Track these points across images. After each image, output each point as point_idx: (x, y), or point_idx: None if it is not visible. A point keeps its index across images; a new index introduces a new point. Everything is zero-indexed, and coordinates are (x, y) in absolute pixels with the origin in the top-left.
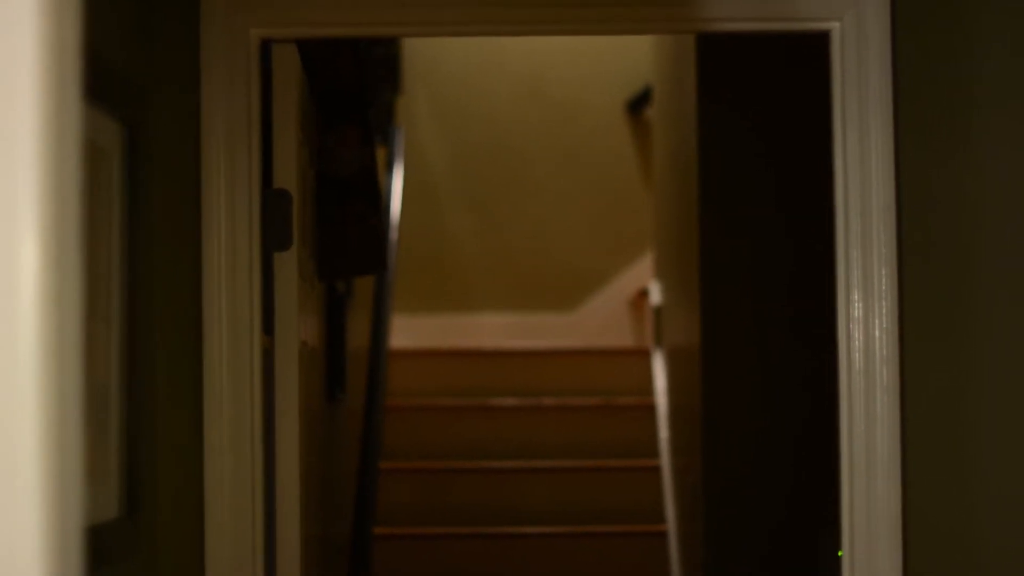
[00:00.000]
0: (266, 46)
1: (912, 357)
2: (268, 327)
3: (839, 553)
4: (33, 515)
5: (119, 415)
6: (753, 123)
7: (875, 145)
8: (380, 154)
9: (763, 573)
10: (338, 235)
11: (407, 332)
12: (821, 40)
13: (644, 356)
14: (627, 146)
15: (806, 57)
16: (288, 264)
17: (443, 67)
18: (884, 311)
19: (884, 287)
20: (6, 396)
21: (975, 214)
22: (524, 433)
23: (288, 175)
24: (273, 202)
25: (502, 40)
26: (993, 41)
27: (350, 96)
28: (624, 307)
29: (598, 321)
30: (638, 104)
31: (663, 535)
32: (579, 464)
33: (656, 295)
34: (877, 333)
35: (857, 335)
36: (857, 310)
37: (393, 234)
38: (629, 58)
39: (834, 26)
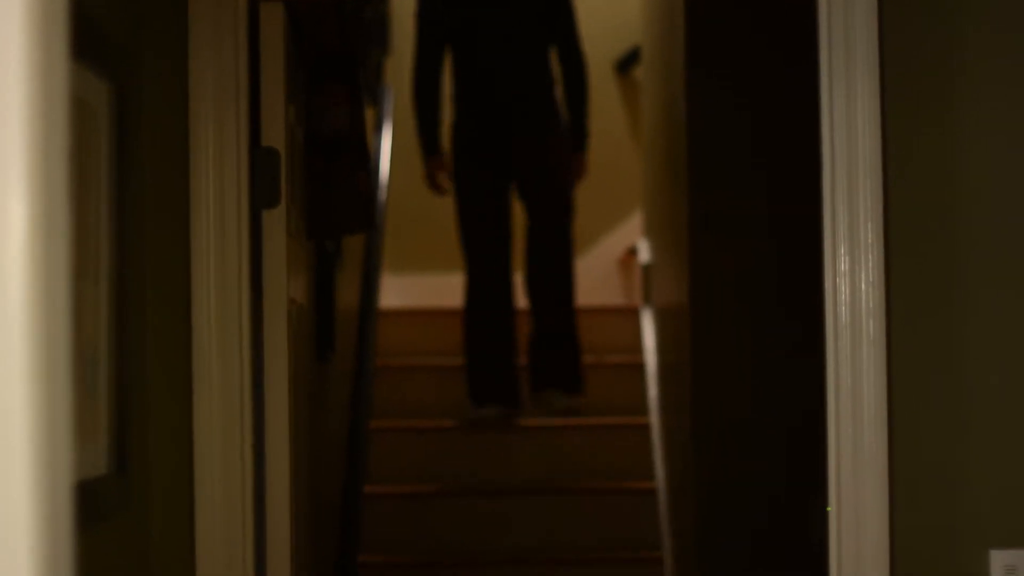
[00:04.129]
0: (254, 5)
1: (898, 310)
2: (257, 285)
3: (827, 509)
4: (23, 470)
5: (108, 373)
6: (741, 83)
7: (861, 104)
8: (369, 114)
9: (753, 532)
10: (327, 194)
11: (397, 291)
12: (809, 0)
13: (633, 314)
14: (615, 106)
15: (793, 17)
16: (276, 222)
17: None
18: (870, 265)
19: (870, 241)
20: None
21: (960, 172)
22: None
23: (276, 133)
24: (261, 160)
25: None
26: (980, 5)
27: (338, 56)
28: (613, 265)
29: (587, 279)
30: (627, 64)
31: (652, 492)
32: (568, 422)
33: (645, 253)
34: (863, 287)
35: (843, 289)
36: (843, 264)
37: (382, 193)
38: (618, 18)
39: None
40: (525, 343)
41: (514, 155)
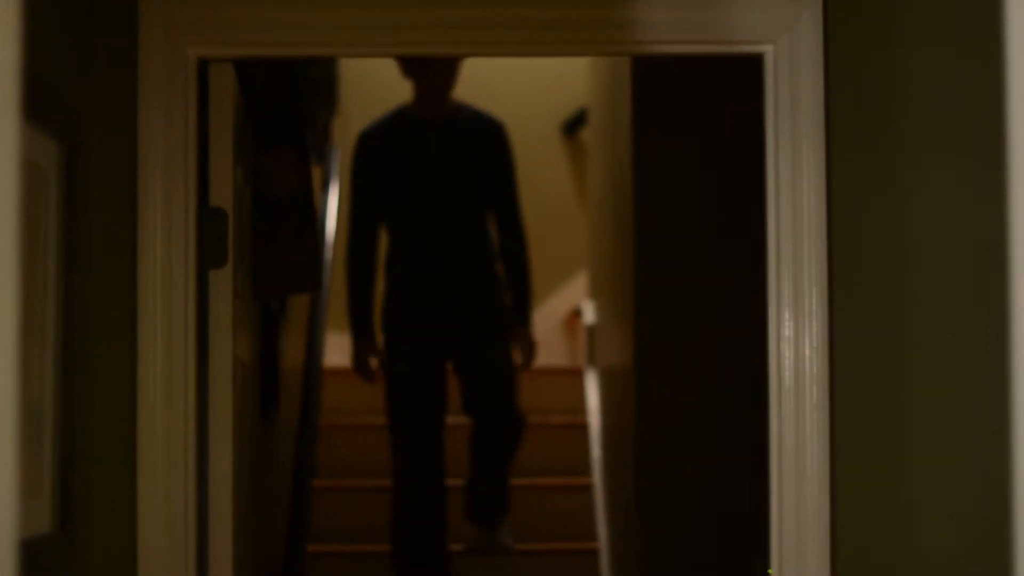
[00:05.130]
0: (204, 66)
1: (842, 375)
2: (203, 344)
3: (769, 572)
4: None
5: (53, 432)
6: (688, 145)
7: (807, 167)
8: (316, 174)
9: None
10: (273, 254)
11: (341, 350)
12: (755, 63)
13: (577, 375)
14: (562, 167)
15: (741, 79)
16: (223, 281)
17: (379, 88)
18: (814, 331)
19: (814, 306)
20: None
21: (905, 236)
22: (458, 450)
23: (224, 193)
24: (209, 220)
25: None
26: (924, 67)
27: (286, 116)
28: (558, 326)
29: None
30: (574, 126)
31: (595, 553)
32: (512, 482)
33: (590, 315)
34: (807, 352)
35: (787, 354)
36: (787, 329)
37: (328, 253)
38: (565, 80)
39: (767, 49)
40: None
41: (450, 330)
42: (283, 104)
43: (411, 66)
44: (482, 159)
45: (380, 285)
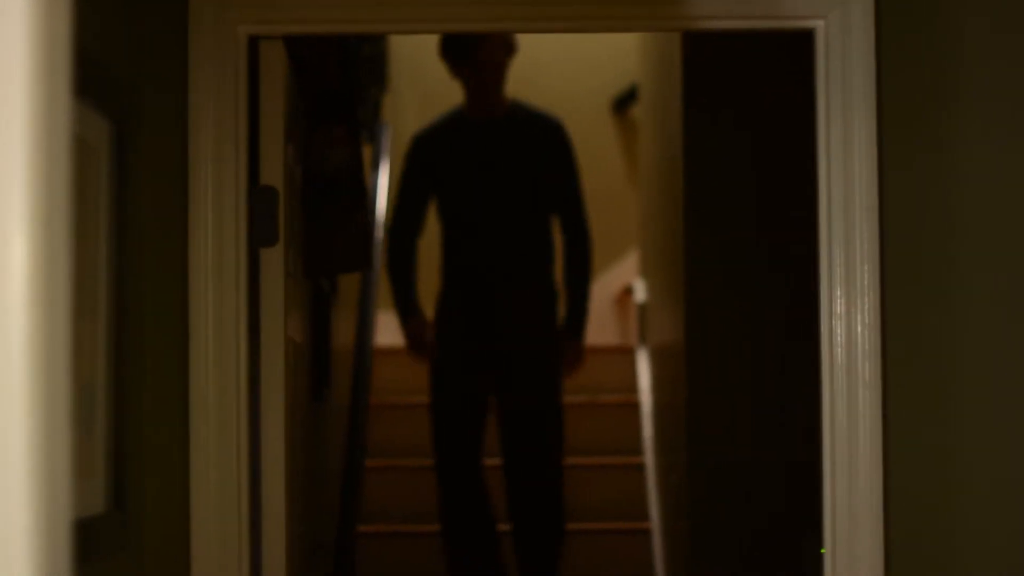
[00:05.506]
0: (254, 43)
1: (894, 352)
2: (254, 324)
3: (822, 551)
4: (22, 508)
5: (106, 411)
6: (738, 122)
7: (858, 143)
8: (367, 152)
9: (747, 572)
10: (324, 232)
11: (392, 330)
12: (806, 38)
13: (628, 354)
14: (613, 145)
15: (791, 55)
16: (274, 260)
17: (429, 65)
18: (866, 307)
19: (866, 283)
20: None
21: (957, 211)
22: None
23: (275, 172)
24: (260, 198)
25: None
26: (976, 39)
27: (337, 94)
28: (609, 305)
29: None
30: (624, 103)
31: (647, 533)
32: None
33: (641, 293)
34: (859, 328)
35: (839, 331)
36: (839, 306)
37: (379, 232)
38: (615, 57)
39: (818, 24)
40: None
41: (498, 362)
42: (334, 82)
43: (458, 66)
44: (541, 160)
45: (433, 287)
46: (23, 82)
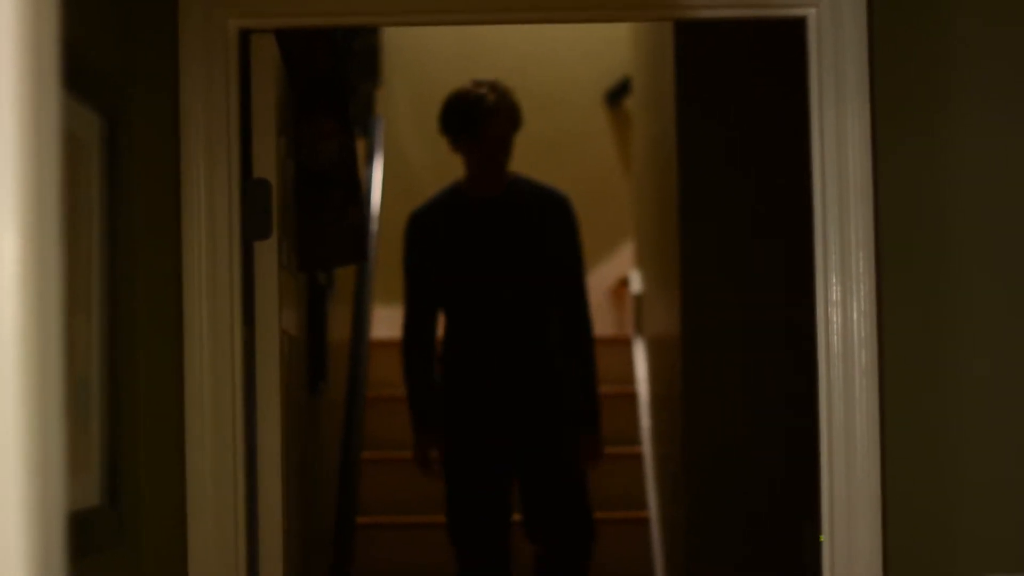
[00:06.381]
0: (245, 37)
1: (890, 339)
2: (249, 317)
3: (820, 538)
4: (16, 502)
5: (100, 405)
6: (731, 112)
7: (851, 130)
8: (360, 145)
9: (745, 561)
10: (318, 225)
11: (388, 323)
12: (798, 26)
13: (625, 345)
14: (606, 137)
15: (783, 45)
16: (268, 253)
17: (422, 58)
18: (862, 294)
19: (861, 270)
20: None
21: (951, 196)
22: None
23: (267, 165)
24: (252, 191)
25: (481, 31)
26: (969, 26)
27: (329, 87)
28: (605, 296)
29: None
30: (617, 95)
31: (645, 522)
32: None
33: (636, 284)
34: (855, 316)
35: (835, 318)
36: (835, 293)
37: (373, 225)
38: (607, 49)
39: (810, 12)
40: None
41: (513, 445)
42: (325, 74)
43: (459, 140)
44: (545, 239)
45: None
46: (12, 77)
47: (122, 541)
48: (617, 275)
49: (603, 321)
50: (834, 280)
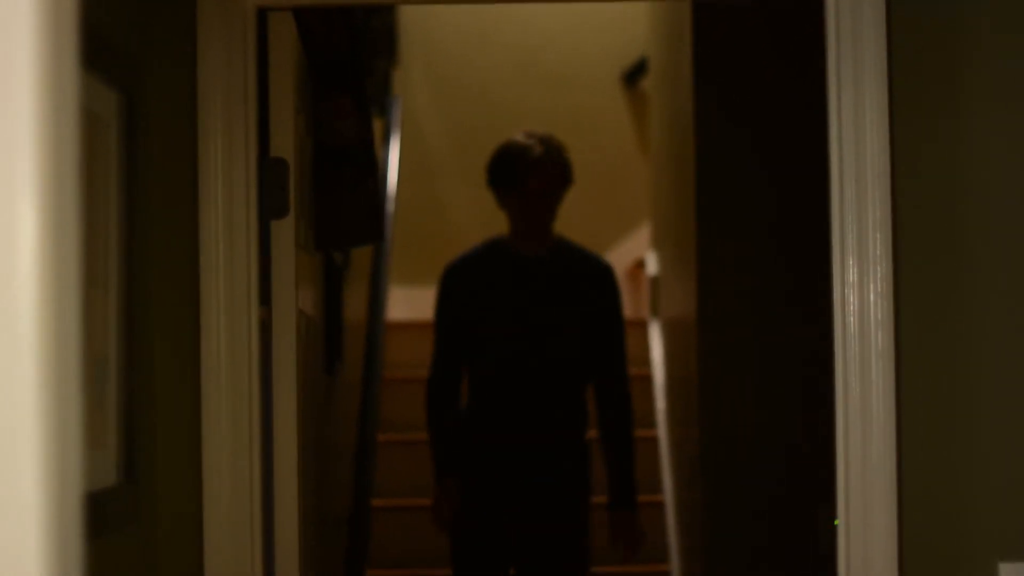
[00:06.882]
0: (262, 15)
1: (907, 321)
2: (266, 296)
3: (835, 522)
4: (34, 481)
5: (117, 383)
6: (749, 92)
7: (869, 110)
8: (377, 125)
9: (761, 544)
10: (335, 205)
11: (404, 303)
12: (816, 6)
13: (641, 327)
14: (623, 117)
15: (801, 25)
16: (285, 232)
17: (439, 38)
18: (879, 276)
19: (878, 252)
20: (6, 363)
21: (970, 179)
22: None
23: (285, 144)
24: (270, 170)
25: (498, 11)
26: (992, 9)
27: (346, 66)
28: (621, 277)
29: None
30: (634, 75)
31: (660, 505)
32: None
33: (653, 266)
34: (872, 297)
35: (852, 300)
36: (852, 275)
37: (390, 204)
38: (625, 29)
39: None
40: None
41: (524, 531)
42: (342, 53)
43: (507, 194)
44: (586, 306)
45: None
46: (31, 54)
47: (138, 519)
48: (633, 257)
49: None
50: (851, 261)
